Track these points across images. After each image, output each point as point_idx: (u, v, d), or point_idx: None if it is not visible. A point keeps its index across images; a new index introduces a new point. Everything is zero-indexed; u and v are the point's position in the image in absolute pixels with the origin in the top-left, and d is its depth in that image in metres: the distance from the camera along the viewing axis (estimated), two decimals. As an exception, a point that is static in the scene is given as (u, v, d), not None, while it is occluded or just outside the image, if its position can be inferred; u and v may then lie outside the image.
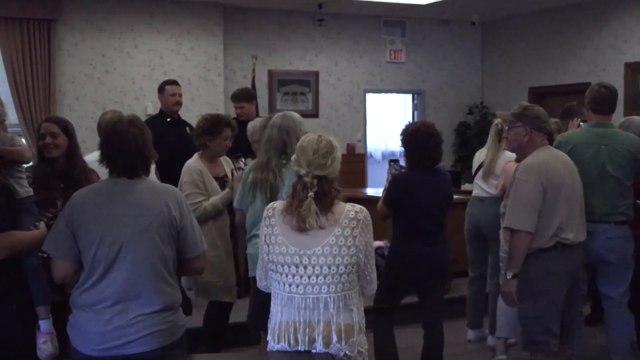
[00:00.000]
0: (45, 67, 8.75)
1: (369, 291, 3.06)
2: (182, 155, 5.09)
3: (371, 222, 2.98)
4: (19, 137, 6.86)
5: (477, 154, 5.75)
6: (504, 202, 4.18)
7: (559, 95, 9.76)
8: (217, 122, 4.82)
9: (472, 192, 5.78)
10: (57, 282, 3.09)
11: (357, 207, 2.96)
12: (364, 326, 3.00)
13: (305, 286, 2.88)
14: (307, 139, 2.99)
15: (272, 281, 2.99)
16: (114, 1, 9.22)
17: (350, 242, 2.88)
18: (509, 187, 4.16)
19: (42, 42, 8.72)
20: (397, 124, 11.61)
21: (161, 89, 6.64)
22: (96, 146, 3.16)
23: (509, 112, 4.23)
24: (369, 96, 11.28)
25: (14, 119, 8.54)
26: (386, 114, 12.01)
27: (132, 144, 2.97)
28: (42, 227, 3.23)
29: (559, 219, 4.00)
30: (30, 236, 3.16)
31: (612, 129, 4.74)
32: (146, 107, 9.08)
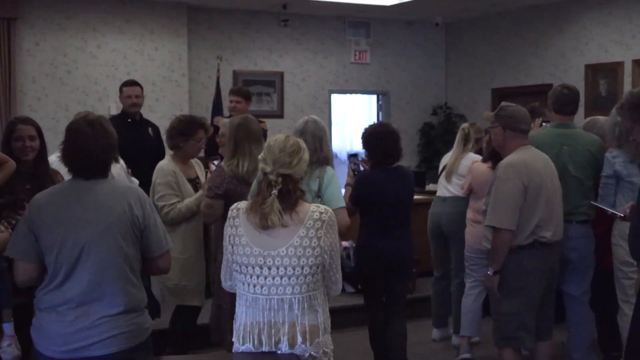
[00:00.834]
0: (5, 66, 8.60)
1: (334, 292, 3.06)
2: (143, 155, 5.05)
3: (336, 223, 2.99)
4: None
5: (445, 157, 5.81)
6: (485, 199, 4.23)
7: (522, 96, 9.86)
8: (191, 124, 4.80)
9: (436, 192, 5.84)
10: (20, 285, 3.06)
11: (322, 207, 2.97)
12: (329, 326, 3.01)
13: (269, 287, 2.87)
14: (275, 138, 3.00)
15: (237, 282, 2.98)
16: (76, 0, 9.10)
17: (315, 242, 2.88)
18: (490, 186, 4.20)
19: (1, 41, 8.57)
20: (362, 125, 11.65)
21: (119, 91, 6.58)
22: (57, 147, 3.12)
23: (492, 113, 4.31)
24: (334, 97, 11.30)
25: (-27, 119, 8.41)
26: (351, 114, 12.04)
27: (92, 145, 2.94)
28: (3, 230, 3.18)
29: (538, 217, 4.06)
30: None
31: (574, 130, 4.81)
32: (109, 107, 8.96)
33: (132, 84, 6.61)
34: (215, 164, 5.35)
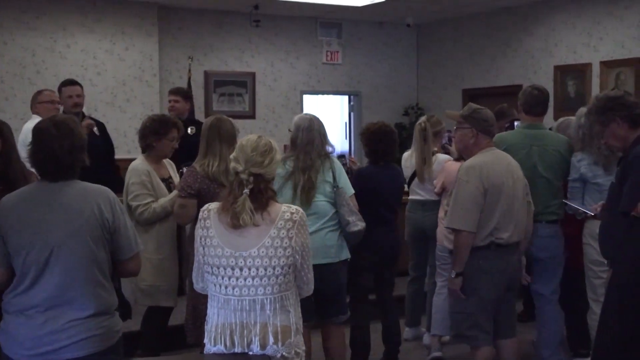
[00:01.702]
0: (-28, 66, 8.51)
1: (306, 292, 3.07)
2: (90, 155, 4.97)
3: (307, 223, 2.99)
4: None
5: (406, 156, 5.81)
6: (446, 200, 4.26)
7: (492, 96, 9.95)
8: (164, 123, 4.79)
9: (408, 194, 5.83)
10: None
11: (293, 208, 2.97)
12: (301, 327, 3.01)
13: (241, 288, 2.87)
14: (247, 138, 3.00)
15: (209, 283, 2.97)
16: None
17: (286, 243, 2.88)
18: (452, 187, 4.24)
19: (-31, 40, 8.48)
20: (334, 125, 11.67)
21: (58, 91, 6.37)
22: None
23: (458, 113, 4.34)
24: (305, 97, 11.31)
25: (-60, 120, 8.27)
26: (323, 115, 12.01)
27: (59, 147, 2.91)
28: None
29: (496, 219, 4.09)
30: None
31: (544, 131, 4.86)
32: (79, 108, 8.88)
33: (72, 83, 6.43)
34: (183, 169, 5.31)
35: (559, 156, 4.74)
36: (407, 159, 5.72)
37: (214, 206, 2.99)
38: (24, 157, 3.45)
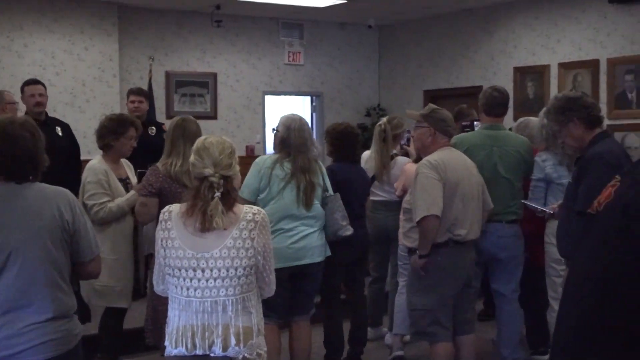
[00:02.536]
0: None
1: (268, 293, 3.07)
2: (54, 157, 4.89)
3: (269, 224, 2.99)
4: None
5: (365, 156, 5.83)
6: (408, 198, 4.31)
7: (452, 97, 10.05)
8: (122, 122, 4.77)
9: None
10: None
11: (255, 209, 2.97)
12: (263, 328, 3.01)
13: (203, 290, 2.86)
14: (209, 140, 2.99)
15: (170, 285, 2.95)
16: (1, -2, 8.87)
17: (248, 244, 2.87)
18: (411, 184, 4.31)
19: None
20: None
21: (21, 91, 6.27)
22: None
23: (418, 112, 4.41)
24: (267, 98, 11.29)
25: None
26: (285, 116, 12.02)
27: (22, 148, 2.87)
28: None
29: (453, 216, 4.16)
30: None
31: (504, 132, 4.92)
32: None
33: (34, 82, 6.31)
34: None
35: (519, 157, 4.80)
36: (367, 160, 5.73)
37: (175, 207, 2.97)
38: None
